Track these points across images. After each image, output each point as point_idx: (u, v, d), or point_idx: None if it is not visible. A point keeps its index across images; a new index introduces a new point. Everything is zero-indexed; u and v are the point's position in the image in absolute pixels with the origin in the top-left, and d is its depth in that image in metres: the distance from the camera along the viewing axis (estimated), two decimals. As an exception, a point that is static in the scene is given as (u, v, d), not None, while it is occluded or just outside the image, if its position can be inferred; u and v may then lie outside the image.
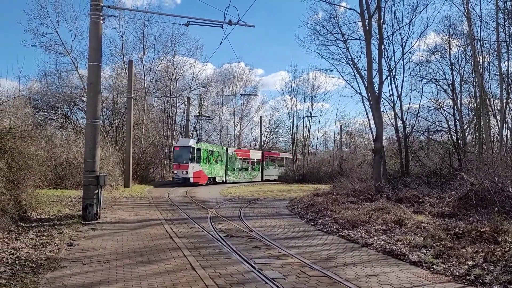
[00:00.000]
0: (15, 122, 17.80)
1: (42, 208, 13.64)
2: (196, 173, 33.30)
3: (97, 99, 13.44)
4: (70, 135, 30.70)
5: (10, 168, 10.95)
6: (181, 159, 32.69)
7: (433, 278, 7.21)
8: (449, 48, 22.96)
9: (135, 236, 10.47)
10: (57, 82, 35.85)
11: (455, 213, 12.02)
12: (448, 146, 21.68)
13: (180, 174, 32.35)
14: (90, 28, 13.41)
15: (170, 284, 6.39)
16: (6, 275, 6.71)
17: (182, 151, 32.91)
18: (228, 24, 14.72)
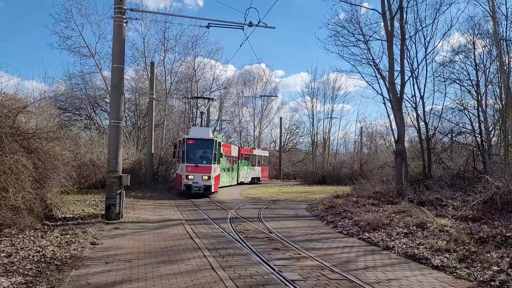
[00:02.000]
0: (41, 123, 18.27)
1: (66, 207, 13.96)
2: (216, 179, 24.16)
3: (120, 101, 13.68)
4: (93, 136, 31.29)
5: (37, 168, 11.23)
6: (200, 158, 23.12)
7: (456, 283, 7.08)
8: (473, 48, 22.45)
9: (156, 236, 10.61)
10: (81, 84, 36.60)
11: (479, 217, 11.76)
12: (472, 148, 21.21)
13: (199, 181, 22.19)
14: (114, 30, 13.66)
15: (190, 284, 6.46)
16: (32, 272, 6.90)
17: (201, 146, 23.42)
18: (248, 25, 14.80)
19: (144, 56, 38.06)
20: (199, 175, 22.21)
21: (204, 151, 23.28)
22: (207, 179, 22.36)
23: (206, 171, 22.44)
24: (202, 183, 22.13)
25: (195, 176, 22.12)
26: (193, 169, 22.22)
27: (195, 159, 22.68)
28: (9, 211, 9.43)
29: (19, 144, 10.86)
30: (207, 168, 22.53)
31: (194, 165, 22.24)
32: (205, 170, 22.41)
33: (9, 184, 9.57)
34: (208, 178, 22.32)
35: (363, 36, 22.76)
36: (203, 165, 22.45)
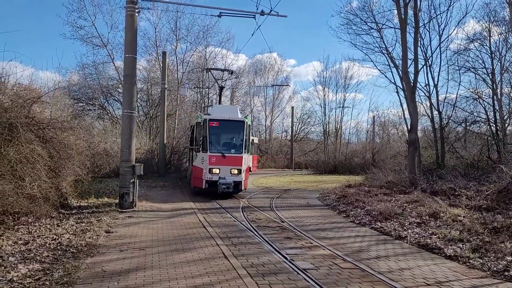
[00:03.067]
0: (56, 113, 18.49)
1: (81, 196, 14.16)
2: (246, 173, 18.35)
3: (133, 91, 13.76)
4: (106, 126, 31.57)
5: (52, 157, 11.40)
6: (227, 145, 17.65)
7: (470, 273, 7.06)
8: (489, 35, 22.02)
9: (169, 225, 10.73)
10: (94, 74, 36.82)
11: (493, 207, 11.65)
12: (487, 137, 20.90)
13: (227, 176, 16.81)
14: (126, 20, 13.69)
15: (203, 272, 6.55)
16: (49, 259, 7.05)
17: (228, 130, 17.87)
18: (260, 14, 14.69)
19: (156, 46, 38.13)
20: (227, 169, 16.78)
21: (232, 136, 17.75)
22: (237, 174, 16.94)
23: (235, 162, 16.99)
24: (231, 179, 16.66)
25: (222, 170, 16.64)
26: (219, 161, 16.61)
27: (221, 147, 17.19)
28: (25, 200, 9.60)
29: (34, 134, 11.02)
30: (237, 159, 17.07)
31: (220, 155, 16.64)
32: (235, 161, 16.98)
33: (25, 173, 9.74)
34: (239, 172, 16.91)
35: (376, 24, 22.47)
36: (232, 155, 16.99)
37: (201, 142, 17.02)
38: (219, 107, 19.84)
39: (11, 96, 11.84)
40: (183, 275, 6.35)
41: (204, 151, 16.89)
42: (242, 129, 17.48)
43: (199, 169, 17.12)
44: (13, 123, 10.18)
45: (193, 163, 18.07)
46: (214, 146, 17.03)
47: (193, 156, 18.22)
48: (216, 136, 17.40)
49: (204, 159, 16.79)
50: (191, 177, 19.24)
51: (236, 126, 17.55)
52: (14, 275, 6.12)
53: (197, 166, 17.38)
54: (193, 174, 18.02)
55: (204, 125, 17.00)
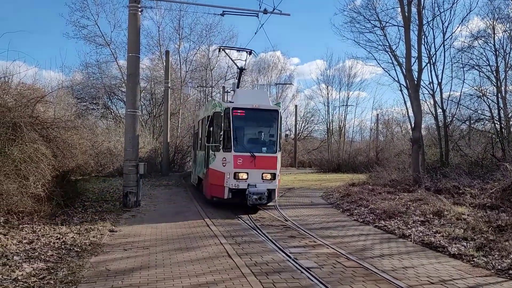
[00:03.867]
0: (59, 112, 18.56)
1: (85, 195, 14.22)
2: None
3: (136, 90, 13.78)
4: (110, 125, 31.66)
5: (56, 156, 11.44)
6: (257, 142, 13.73)
7: (474, 271, 7.04)
8: (493, 33, 21.88)
9: (173, 223, 10.75)
10: (98, 73, 36.92)
11: (497, 205, 11.60)
12: (491, 135, 20.80)
13: (257, 182, 12.93)
14: (129, 19, 13.71)
15: (207, 271, 6.55)
16: (53, 259, 7.08)
17: (258, 123, 14.06)
18: (263, 13, 14.67)
19: (159, 44, 38.19)
20: (258, 173, 12.82)
21: (263, 130, 13.71)
22: (270, 179, 12.95)
23: (269, 165, 13.06)
24: (263, 186, 12.71)
25: (251, 175, 12.77)
26: (247, 163, 12.81)
27: (250, 145, 13.25)
28: (30, 199, 9.64)
29: (38, 133, 11.07)
30: (271, 160, 13.11)
31: (249, 156, 12.80)
32: (268, 163, 13.05)
33: (29, 172, 9.78)
34: (273, 177, 12.97)
35: (380, 22, 22.39)
36: (264, 155, 13.04)
37: (222, 138, 13.02)
38: (244, 92, 15.89)
39: (14, 96, 11.90)
40: (187, 274, 6.36)
41: (226, 150, 12.94)
42: (276, 120, 13.58)
43: (219, 173, 12.99)
44: (17, 123, 10.23)
45: (210, 165, 13.71)
46: (240, 143, 13.05)
47: (209, 157, 13.89)
48: (243, 130, 13.44)
49: (227, 161, 12.86)
50: (204, 183, 15.11)
51: (268, 116, 13.69)
52: (18, 274, 6.15)
53: (216, 170, 13.19)
54: (209, 179, 13.72)
55: (226, 116, 13.06)
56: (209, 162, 13.89)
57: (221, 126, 13.16)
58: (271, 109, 13.88)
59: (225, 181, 12.86)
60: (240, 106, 13.30)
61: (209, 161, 13.96)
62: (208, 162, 14.16)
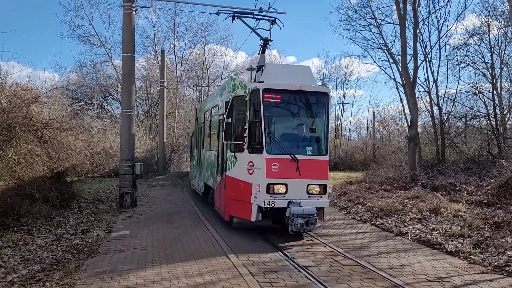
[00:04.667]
0: (54, 113, 18.46)
1: (81, 196, 14.15)
2: None
3: (131, 90, 13.71)
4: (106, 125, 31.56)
5: (51, 158, 11.40)
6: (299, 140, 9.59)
7: (471, 268, 7.05)
8: (488, 30, 21.92)
9: (170, 224, 10.70)
10: (93, 73, 36.81)
11: (494, 202, 11.63)
12: (487, 132, 20.85)
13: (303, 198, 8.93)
14: (123, 19, 13.63)
15: (205, 271, 6.52)
16: (49, 260, 7.03)
17: (300, 111, 9.88)
18: (258, 11, 14.62)
19: (154, 44, 38.10)
20: (302, 184, 9.09)
21: (307, 122, 9.80)
22: (319, 194, 9.23)
23: (317, 172, 9.31)
24: (311, 204, 8.97)
25: (293, 187, 9.00)
26: (286, 169, 9.02)
27: (288, 144, 9.34)
28: (25, 200, 9.59)
29: (33, 134, 11.01)
30: (320, 166, 9.38)
31: (290, 159, 9.04)
32: (316, 170, 9.29)
33: (24, 174, 9.72)
34: (323, 190, 9.26)
35: (375, 20, 22.44)
36: (311, 159, 9.32)
37: (248, 133, 9.18)
38: (278, 68, 10.61)
39: (9, 97, 11.82)
40: (184, 274, 6.33)
41: (254, 150, 9.11)
42: (325, 108, 9.74)
43: (243, 185, 9.28)
44: (11, 124, 10.17)
45: (227, 171, 9.91)
46: (275, 141, 9.18)
47: (226, 160, 10.07)
48: (279, 121, 9.66)
49: (256, 166, 9.03)
50: (217, 195, 11.40)
51: (315, 102, 9.78)
52: (14, 276, 6.10)
53: (238, 179, 9.44)
54: (227, 192, 9.90)
55: (253, 102, 9.22)
56: (226, 167, 9.98)
57: (246, 117, 9.24)
58: (319, 92, 9.65)
59: (252, 196, 8.91)
60: (274, 87, 9.28)
61: (226, 165, 10.07)
62: (224, 166, 10.27)
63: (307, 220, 8.54)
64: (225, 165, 10.19)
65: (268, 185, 8.81)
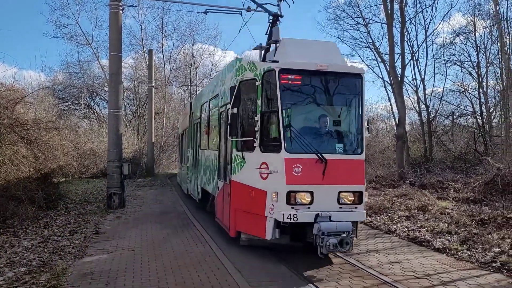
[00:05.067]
0: (40, 113, 18.22)
1: (68, 197, 14.00)
2: None
3: (119, 90, 13.59)
4: (93, 125, 31.28)
5: (37, 158, 11.26)
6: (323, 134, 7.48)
7: (458, 265, 7.12)
8: (474, 29, 22.24)
9: (159, 225, 10.63)
10: (79, 73, 36.49)
11: (480, 199, 11.78)
12: (473, 130, 21.14)
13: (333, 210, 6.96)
14: (110, 18, 13.50)
15: (194, 273, 6.47)
16: (36, 262, 6.93)
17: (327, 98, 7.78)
18: (247, 10, 14.58)
19: (142, 43, 37.89)
20: (331, 192, 7.10)
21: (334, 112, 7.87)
22: (354, 203, 7.26)
23: (351, 176, 7.33)
24: (344, 217, 7.01)
25: (320, 195, 6.99)
26: (311, 172, 7.00)
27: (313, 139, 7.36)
28: (11, 202, 9.45)
29: (18, 135, 10.86)
30: (354, 168, 7.42)
31: (316, 160, 7.03)
32: (349, 172, 7.31)
33: (9, 175, 9.59)
34: (359, 198, 7.30)
35: (363, 19, 22.63)
36: (342, 158, 7.38)
37: (259, 127, 7.36)
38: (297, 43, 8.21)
39: (-6, 97, 11.64)
40: (173, 276, 6.29)
41: (269, 149, 7.34)
42: (358, 93, 7.75)
43: (254, 192, 7.45)
44: (-4, 125, 10.01)
45: (233, 175, 8.06)
46: (297, 136, 7.26)
47: (231, 160, 8.14)
48: (300, 110, 7.84)
49: (272, 169, 7.16)
50: (218, 204, 9.50)
51: (345, 86, 7.79)
52: (0, 279, 6.00)
53: (248, 185, 7.62)
54: (233, 201, 8.06)
55: (265, 87, 7.42)
56: (232, 169, 8.05)
57: (257, 106, 7.38)
58: (350, 73, 7.64)
59: (267, 207, 7.04)
60: (294, 67, 7.27)
61: (230, 168, 8.14)
62: (228, 169, 8.37)
63: (342, 239, 6.54)
64: (229, 167, 8.23)
65: (288, 193, 6.80)
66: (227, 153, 8.62)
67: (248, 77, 7.68)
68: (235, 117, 7.62)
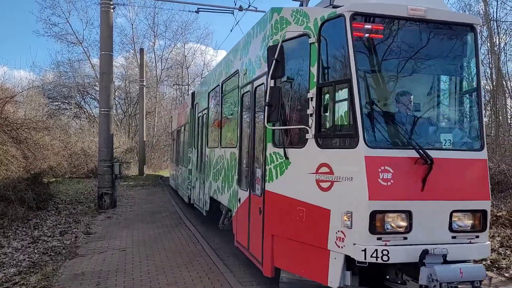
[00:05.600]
0: (30, 112, 18.08)
1: (59, 197, 13.89)
2: None
3: (110, 89, 13.51)
4: (84, 125, 31.07)
5: (27, 158, 11.16)
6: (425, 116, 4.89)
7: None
8: (464, 29, 22.39)
9: (150, 224, 10.59)
10: (70, 72, 36.25)
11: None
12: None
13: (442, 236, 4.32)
14: (101, 17, 13.42)
15: (186, 273, 6.45)
16: (26, 263, 6.87)
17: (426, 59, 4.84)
18: (238, 10, 14.61)
19: (133, 42, 37.75)
20: (441, 210, 4.35)
21: (434, 85, 5.10)
22: (474, 229, 4.52)
23: (469, 185, 4.57)
24: (456, 252, 4.29)
25: (420, 215, 4.26)
26: (406, 180, 4.29)
27: (408, 127, 4.65)
28: (0, 202, 9.35)
29: (8, 135, 10.76)
30: (473, 170, 4.65)
31: (416, 160, 4.26)
32: (465, 180, 4.57)
33: (-1, 175, 9.49)
34: (481, 221, 4.55)
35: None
36: (453, 157, 4.52)
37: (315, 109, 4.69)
38: None
39: (-18, 96, 11.52)
40: (165, 276, 6.26)
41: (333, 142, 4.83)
42: (471, 55, 5.03)
43: (310, 211, 4.75)
44: (-15, 124, 9.90)
45: (268, 184, 5.44)
46: (381, 121, 4.63)
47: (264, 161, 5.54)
48: (383, 82, 4.97)
49: (343, 175, 4.44)
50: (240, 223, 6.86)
51: (452, 44, 5.02)
52: (-12, 281, 5.94)
53: (296, 200, 4.94)
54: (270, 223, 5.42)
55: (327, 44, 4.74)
56: (266, 174, 5.51)
57: (310, 76, 4.85)
58: (459, 24, 4.97)
59: (332, 236, 4.51)
60: (374, 11, 4.73)
61: (262, 171, 5.67)
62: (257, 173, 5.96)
63: None
64: (259, 171, 5.75)
65: (373, 214, 4.20)
66: (255, 151, 6.07)
67: (295, 32, 5.07)
68: (276, 92, 4.79)
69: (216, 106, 9.17)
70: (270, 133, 5.37)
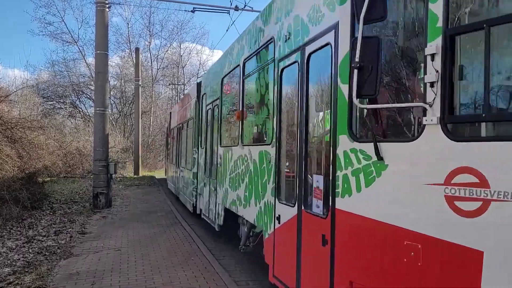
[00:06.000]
0: (24, 112, 18.00)
1: (54, 197, 13.84)
2: None
3: (105, 88, 13.48)
4: (79, 124, 30.96)
5: (21, 158, 11.11)
6: None
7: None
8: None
9: (145, 224, 10.57)
10: (65, 71, 36.11)
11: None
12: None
13: None
14: (96, 16, 13.39)
15: (181, 272, 6.46)
16: (20, 263, 6.85)
17: None
18: (234, 9, 14.64)
19: (129, 41, 37.68)
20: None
21: None
22: None
23: None
24: None
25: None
26: None
27: None
28: (-6, 202, 9.32)
29: (2, 134, 10.72)
30: None
31: None
32: None
33: (-7, 175, 9.45)
34: None
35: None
36: None
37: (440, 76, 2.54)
38: None
39: (-24, 95, 11.47)
40: (160, 276, 6.26)
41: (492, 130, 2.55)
42: None
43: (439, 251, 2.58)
44: (-21, 123, 9.86)
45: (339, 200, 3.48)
46: None
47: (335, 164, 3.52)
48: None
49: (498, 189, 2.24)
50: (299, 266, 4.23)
51: None
52: (-17, 280, 5.91)
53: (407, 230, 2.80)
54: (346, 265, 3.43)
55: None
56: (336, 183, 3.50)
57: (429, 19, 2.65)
58: None
59: None
60: None
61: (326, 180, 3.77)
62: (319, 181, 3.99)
63: None
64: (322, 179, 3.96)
65: None
66: (308, 148, 4.31)
67: None
68: (374, 46, 2.87)
69: (234, 93, 7.44)
70: (344, 119, 3.43)
